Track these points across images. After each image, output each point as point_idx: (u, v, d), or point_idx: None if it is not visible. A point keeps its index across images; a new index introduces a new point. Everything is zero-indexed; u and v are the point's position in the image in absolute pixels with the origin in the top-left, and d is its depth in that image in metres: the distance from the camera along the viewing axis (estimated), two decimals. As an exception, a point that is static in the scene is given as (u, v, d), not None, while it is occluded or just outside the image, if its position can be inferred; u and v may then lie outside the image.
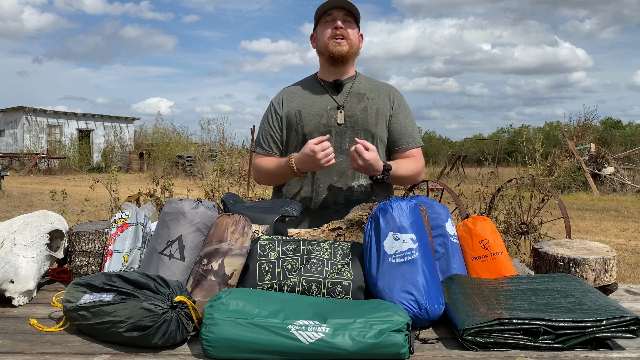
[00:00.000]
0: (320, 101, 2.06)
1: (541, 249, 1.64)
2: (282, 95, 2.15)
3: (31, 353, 1.15)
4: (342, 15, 1.98)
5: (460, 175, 15.94)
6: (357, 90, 2.07)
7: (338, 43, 1.98)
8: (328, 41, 1.99)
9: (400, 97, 2.13)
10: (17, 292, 1.48)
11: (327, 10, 1.99)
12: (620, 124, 40.09)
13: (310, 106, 2.06)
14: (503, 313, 1.19)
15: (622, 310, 1.18)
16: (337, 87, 2.06)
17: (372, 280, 1.32)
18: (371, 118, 2.03)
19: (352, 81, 2.09)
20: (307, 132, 2.03)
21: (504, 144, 32.00)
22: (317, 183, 2.02)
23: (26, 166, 21.54)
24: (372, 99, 2.07)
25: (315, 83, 2.11)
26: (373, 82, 2.14)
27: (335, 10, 1.98)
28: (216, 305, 1.14)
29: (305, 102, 2.08)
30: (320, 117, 2.03)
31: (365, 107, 2.04)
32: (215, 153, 15.55)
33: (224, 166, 6.37)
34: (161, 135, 26.67)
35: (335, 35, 1.98)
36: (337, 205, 2.00)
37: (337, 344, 1.09)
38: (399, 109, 2.09)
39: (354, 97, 2.05)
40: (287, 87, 2.19)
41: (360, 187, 2.02)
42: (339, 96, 2.06)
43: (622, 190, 13.02)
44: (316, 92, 2.09)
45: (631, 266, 5.33)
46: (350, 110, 2.03)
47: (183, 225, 1.44)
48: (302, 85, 2.15)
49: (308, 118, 2.04)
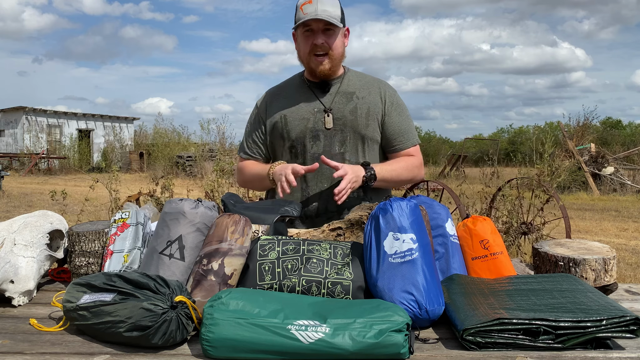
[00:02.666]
0: (306, 103, 1.97)
1: (541, 249, 1.64)
2: (267, 98, 2.07)
3: (31, 353, 1.15)
4: (322, 25, 1.85)
5: (461, 175, 15.93)
6: (346, 89, 1.98)
7: (320, 62, 1.88)
8: (309, 57, 1.90)
9: (392, 93, 2.03)
10: (17, 292, 1.48)
11: (304, 21, 1.84)
12: (620, 124, 40.09)
13: (296, 109, 1.97)
14: (503, 313, 1.19)
15: (622, 310, 1.18)
16: (324, 88, 1.97)
17: (372, 280, 1.32)
18: (361, 119, 1.94)
19: (341, 80, 1.99)
20: (293, 137, 1.96)
21: (504, 144, 32.00)
22: (307, 190, 1.95)
23: (26, 166, 21.54)
24: (363, 97, 1.97)
25: (302, 84, 2.02)
26: (363, 79, 2.03)
27: (313, 22, 1.84)
28: (216, 305, 1.14)
29: (290, 105, 1.99)
30: (307, 120, 1.94)
31: (354, 108, 1.95)
32: (215, 153, 15.54)
33: (223, 166, 6.36)
34: (161, 135, 26.66)
35: (316, 52, 1.88)
36: (329, 212, 1.93)
37: (337, 344, 1.09)
38: (391, 107, 2.00)
39: (343, 97, 1.96)
40: (272, 88, 2.10)
41: (352, 193, 1.89)
42: (327, 97, 1.96)
43: (622, 190, 13.01)
44: (302, 93, 1.99)
45: (631, 266, 5.33)
46: (339, 111, 1.94)
47: (183, 225, 1.44)
48: (287, 86, 2.06)
49: (294, 122, 1.96)
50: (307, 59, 1.92)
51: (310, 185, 1.95)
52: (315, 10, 1.81)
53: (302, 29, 1.89)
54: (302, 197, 1.96)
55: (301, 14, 1.84)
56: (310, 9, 1.82)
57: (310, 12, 1.82)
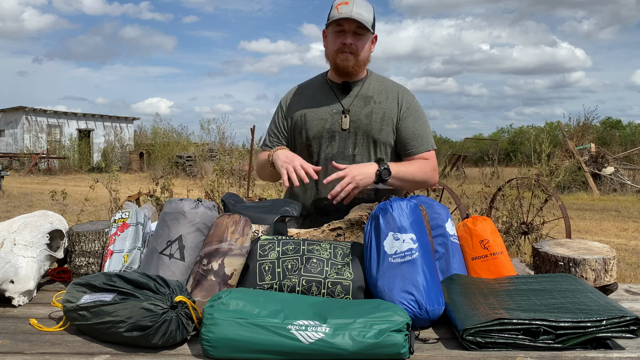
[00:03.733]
0: (326, 104, 2.02)
1: (541, 249, 1.64)
2: (290, 96, 2.12)
3: (31, 353, 1.15)
4: (353, 27, 1.89)
5: (461, 175, 15.93)
6: (366, 92, 2.02)
7: (345, 58, 1.93)
8: (336, 54, 1.94)
9: (410, 99, 2.05)
10: (17, 292, 1.48)
11: (338, 20, 1.88)
12: (620, 124, 40.06)
13: (315, 109, 2.03)
14: (503, 313, 1.19)
15: (622, 310, 1.18)
16: (345, 89, 2.02)
17: (372, 280, 1.32)
18: (375, 124, 1.98)
19: (362, 83, 2.04)
20: (311, 136, 2.01)
21: (504, 144, 31.99)
22: (320, 188, 2.00)
23: (26, 166, 21.53)
24: (380, 102, 2.01)
25: (324, 84, 2.07)
26: (384, 83, 2.07)
27: (346, 23, 1.88)
28: (216, 305, 1.14)
29: (311, 104, 2.04)
30: (325, 121, 2.00)
31: (370, 112, 1.99)
32: (215, 153, 15.54)
33: (223, 166, 6.36)
34: (160, 135, 26.66)
35: (344, 50, 1.92)
36: (339, 212, 1.92)
37: (337, 344, 1.09)
38: (407, 112, 2.02)
39: (361, 101, 2.01)
40: (297, 86, 2.16)
41: (363, 193, 1.95)
42: (346, 99, 2.01)
43: (622, 190, 13.02)
44: (324, 93, 2.05)
45: (631, 266, 5.33)
46: (355, 114, 1.99)
47: (183, 225, 1.44)
48: (310, 85, 2.12)
49: (312, 122, 2.01)
50: (334, 55, 1.96)
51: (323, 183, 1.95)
52: (350, 11, 1.86)
53: (334, 27, 1.93)
54: (315, 195, 2.02)
55: (336, 12, 1.89)
56: (345, 9, 1.87)
57: (345, 12, 1.86)
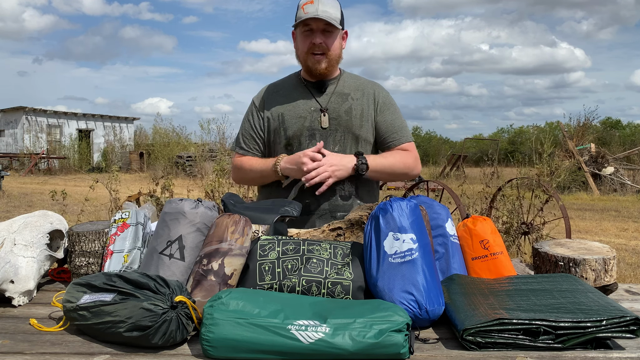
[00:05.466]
0: (303, 102, 2.00)
1: (541, 249, 1.64)
2: (264, 95, 2.09)
3: (31, 353, 1.15)
4: (321, 26, 1.88)
5: (461, 175, 15.92)
6: (342, 90, 2.02)
7: (317, 60, 1.92)
8: (307, 56, 1.93)
9: (385, 94, 2.07)
10: (17, 292, 1.48)
11: (305, 20, 1.87)
12: (620, 124, 40.07)
13: (293, 108, 2.01)
14: (503, 313, 1.19)
15: (622, 310, 1.18)
16: (320, 88, 2.01)
17: (372, 280, 1.32)
18: (355, 120, 1.98)
19: (337, 81, 2.03)
20: (290, 135, 1.99)
21: (504, 144, 31.99)
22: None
23: (26, 166, 21.53)
24: (357, 99, 2.01)
25: (299, 83, 2.05)
26: (358, 81, 2.07)
27: (313, 22, 1.87)
28: (216, 305, 1.14)
29: (288, 103, 2.02)
30: (304, 119, 1.98)
31: (349, 108, 1.99)
32: (215, 153, 15.54)
33: (223, 166, 6.36)
34: (161, 135, 26.66)
35: (314, 51, 1.91)
36: (321, 210, 1.95)
37: (337, 344, 1.09)
38: (384, 106, 2.03)
39: (338, 98, 2.00)
40: (270, 85, 2.12)
41: (344, 191, 1.96)
42: (323, 97, 2.00)
43: (622, 190, 13.02)
44: (299, 92, 2.03)
45: (631, 266, 5.33)
46: (335, 111, 1.98)
47: (183, 225, 1.44)
48: (285, 84, 2.09)
49: (291, 121, 1.99)
50: (304, 57, 1.95)
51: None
52: (316, 10, 1.85)
53: (301, 27, 1.92)
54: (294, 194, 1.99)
55: (302, 13, 1.88)
56: (311, 9, 1.85)
57: (311, 12, 1.85)
